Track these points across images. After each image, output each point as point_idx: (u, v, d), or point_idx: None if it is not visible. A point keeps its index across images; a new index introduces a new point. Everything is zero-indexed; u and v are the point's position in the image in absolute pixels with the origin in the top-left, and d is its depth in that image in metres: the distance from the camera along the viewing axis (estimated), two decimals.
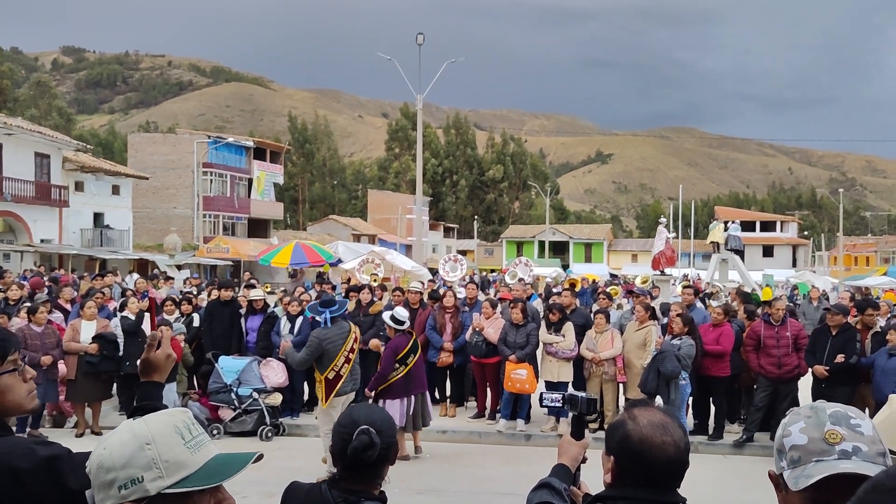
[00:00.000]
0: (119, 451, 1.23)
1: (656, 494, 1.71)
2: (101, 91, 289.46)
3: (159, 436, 1.24)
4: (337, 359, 6.72)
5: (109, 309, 10.12)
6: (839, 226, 60.32)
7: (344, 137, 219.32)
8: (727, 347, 8.46)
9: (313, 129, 79.12)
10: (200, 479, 1.24)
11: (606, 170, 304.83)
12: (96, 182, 35.61)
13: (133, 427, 1.27)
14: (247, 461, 1.29)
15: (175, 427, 1.27)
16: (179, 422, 1.29)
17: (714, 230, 26.96)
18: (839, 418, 1.35)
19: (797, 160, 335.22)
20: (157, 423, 1.27)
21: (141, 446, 1.23)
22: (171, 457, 1.23)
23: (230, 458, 1.31)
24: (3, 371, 1.72)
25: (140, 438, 1.23)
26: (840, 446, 1.32)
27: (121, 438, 1.25)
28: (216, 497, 1.27)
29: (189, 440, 1.26)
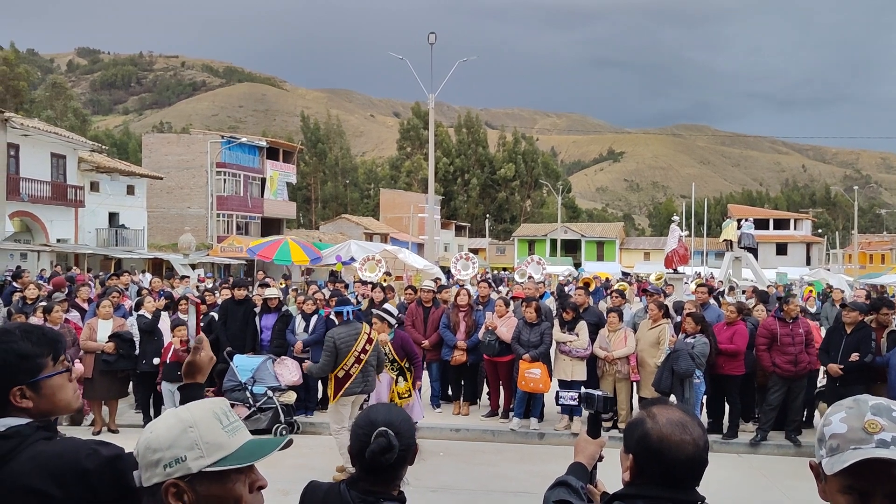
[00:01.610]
0: (165, 434, 1.36)
1: (675, 493, 1.72)
2: (115, 92, 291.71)
3: (201, 420, 1.38)
4: (347, 358, 6.75)
5: (125, 308, 10.21)
6: (854, 223, 59.76)
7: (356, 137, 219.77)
8: (741, 346, 8.42)
9: (325, 128, 79.41)
10: (237, 459, 1.37)
11: (618, 168, 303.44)
12: (111, 182, 35.90)
13: (178, 413, 1.40)
14: (278, 445, 1.43)
15: (214, 413, 1.40)
16: (218, 409, 1.42)
17: (727, 228, 26.78)
18: (881, 409, 1.37)
19: (811, 158, 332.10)
20: (199, 409, 1.41)
21: (184, 429, 1.36)
22: (211, 439, 1.36)
23: (263, 441, 1.44)
24: (57, 372, 1.79)
25: (184, 422, 1.37)
26: (879, 435, 1.34)
27: (167, 423, 1.39)
28: (250, 477, 1.41)
29: (227, 425, 1.40)
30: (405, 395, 7.62)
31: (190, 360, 2.06)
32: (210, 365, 2.12)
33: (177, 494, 1.34)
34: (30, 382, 1.74)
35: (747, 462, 8.04)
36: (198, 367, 2.06)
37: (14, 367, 1.73)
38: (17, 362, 1.73)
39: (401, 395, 7.58)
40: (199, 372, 2.07)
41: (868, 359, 7.65)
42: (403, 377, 7.73)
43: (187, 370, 2.06)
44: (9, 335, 1.77)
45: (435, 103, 26.94)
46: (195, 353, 2.08)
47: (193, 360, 2.06)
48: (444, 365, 9.76)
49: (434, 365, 9.81)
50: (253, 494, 1.41)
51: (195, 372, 2.06)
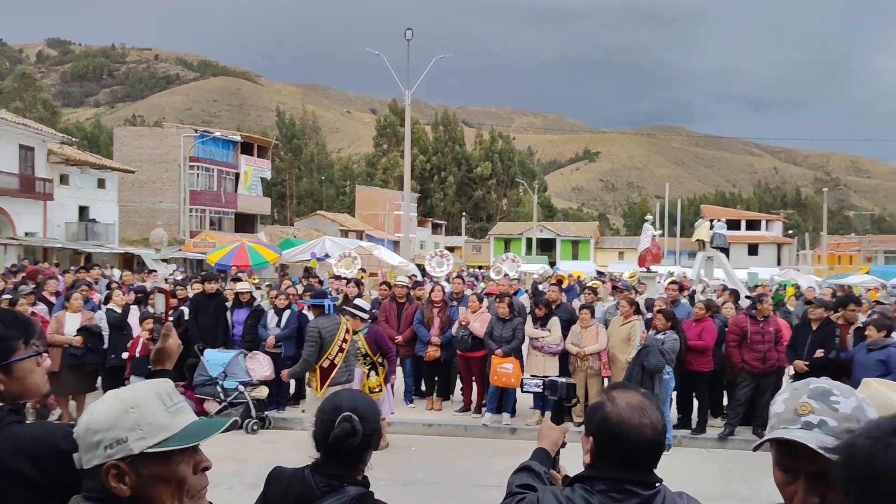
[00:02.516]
0: (105, 415, 1.34)
1: (634, 474, 1.75)
2: (86, 84, 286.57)
3: (143, 400, 1.35)
4: (331, 348, 6.77)
5: (94, 301, 10.06)
6: (823, 225, 60.92)
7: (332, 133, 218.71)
8: (709, 342, 8.55)
9: (301, 124, 78.83)
10: (180, 440, 1.34)
11: (594, 168, 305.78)
12: (81, 175, 35.31)
13: (118, 394, 1.37)
14: (221, 426, 1.42)
15: (157, 394, 1.38)
16: (161, 389, 1.40)
17: (700, 228, 27.09)
18: (817, 393, 1.41)
19: (782, 160, 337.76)
20: (141, 390, 1.38)
21: (126, 410, 1.33)
22: (153, 419, 1.34)
23: (207, 422, 1.43)
24: (28, 355, 1.80)
25: (125, 403, 1.34)
26: (806, 417, 1.38)
27: (107, 404, 1.36)
28: (194, 458, 1.39)
29: (170, 405, 1.38)
30: (376, 390, 7.62)
31: (159, 347, 2.09)
32: (178, 352, 2.14)
33: (118, 476, 1.32)
34: (1, 365, 1.75)
35: (715, 456, 8.17)
36: (166, 354, 2.09)
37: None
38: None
39: (371, 389, 7.57)
40: (168, 359, 2.10)
41: (832, 355, 7.81)
42: (375, 372, 7.73)
43: (156, 357, 2.09)
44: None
45: (412, 100, 26.91)
46: (164, 340, 2.10)
47: (162, 346, 2.09)
48: (417, 360, 9.77)
49: (407, 360, 9.82)
50: (197, 475, 1.39)
51: (164, 359, 2.09)
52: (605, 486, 1.75)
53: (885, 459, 0.98)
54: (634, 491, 1.74)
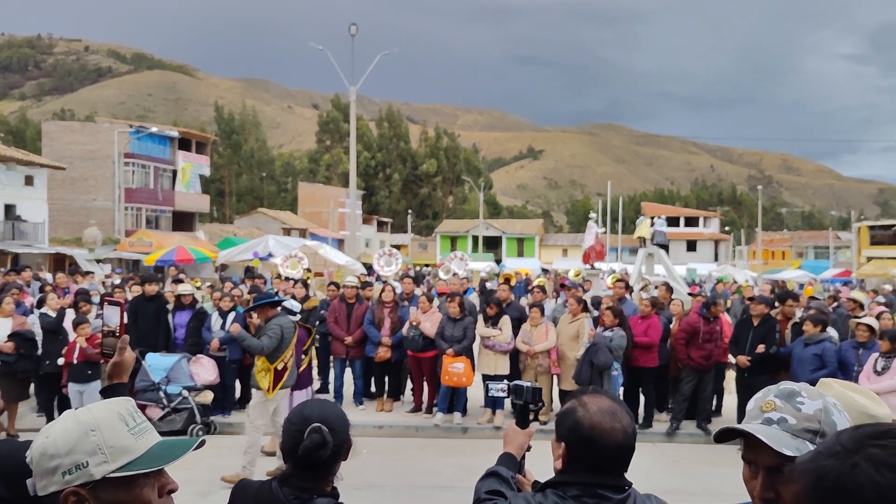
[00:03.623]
0: (63, 438, 1.26)
1: (606, 479, 1.75)
2: (10, 76, 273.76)
3: (104, 422, 1.28)
4: (287, 351, 6.64)
5: (27, 305, 9.60)
6: (758, 221, 63.30)
7: (273, 128, 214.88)
8: (655, 339, 8.74)
9: (240, 119, 77.08)
10: (145, 463, 1.28)
11: (538, 166, 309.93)
12: (7, 172, 33.66)
13: (77, 415, 1.29)
14: (189, 446, 1.35)
15: (119, 414, 1.30)
16: (123, 409, 1.32)
17: (641, 225, 27.69)
18: (785, 394, 1.47)
19: (719, 158, 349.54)
20: (102, 411, 1.30)
21: (86, 433, 1.25)
22: (115, 442, 1.26)
23: (173, 443, 1.36)
24: None
25: (85, 425, 1.26)
26: (768, 414, 1.44)
27: (64, 426, 1.28)
28: (160, 481, 1.32)
29: (133, 427, 1.30)
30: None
31: (116, 361, 2.04)
32: (132, 364, 2.09)
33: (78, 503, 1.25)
34: None
35: (662, 451, 8.35)
36: (124, 368, 2.05)
37: None
38: None
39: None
40: (125, 372, 2.05)
41: (773, 350, 8.09)
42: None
43: (113, 370, 2.04)
44: None
45: (356, 96, 26.66)
46: (120, 353, 2.05)
47: (119, 360, 2.04)
48: (367, 361, 9.67)
49: (357, 362, 9.71)
50: (163, 499, 1.33)
51: (121, 372, 2.04)
52: (577, 492, 1.74)
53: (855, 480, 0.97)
54: (606, 496, 1.74)
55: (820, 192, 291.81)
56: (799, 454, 1.33)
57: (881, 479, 0.95)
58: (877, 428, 1.05)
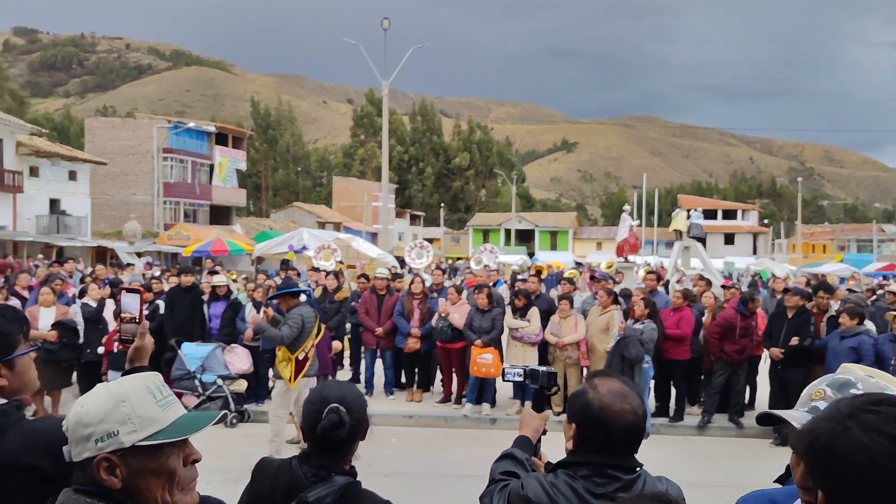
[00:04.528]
0: (96, 409, 1.35)
1: (616, 459, 1.78)
2: (55, 74, 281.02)
3: (133, 395, 1.37)
4: (308, 341, 6.72)
5: (69, 296, 9.91)
6: (798, 214, 61.86)
7: (308, 123, 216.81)
8: (687, 331, 8.65)
9: (276, 114, 77.94)
10: (170, 433, 1.36)
11: (572, 158, 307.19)
12: (52, 167, 34.67)
13: (108, 388, 1.38)
14: (211, 419, 1.43)
15: (147, 388, 1.39)
16: (151, 383, 1.41)
17: (676, 218, 27.35)
18: (838, 383, 1.45)
19: (758, 150, 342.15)
20: (132, 384, 1.39)
21: (117, 404, 1.34)
22: (144, 413, 1.35)
23: (197, 415, 1.46)
24: (28, 350, 1.87)
25: (116, 397, 1.36)
26: (815, 402, 1.44)
27: (97, 397, 1.38)
28: (184, 451, 1.40)
29: (160, 399, 1.39)
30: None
31: (137, 345, 2.16)
32: (151, 348, 2.22)
33: (109, 469, 1.33)
34: (6, 360, 1.79)
35: (693, 444, 8.28)
36: (144, 352, 2.17)
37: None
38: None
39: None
40: (145, 356, 2.17)
41: (807, 342, 7.94)
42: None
43: (134, 355, 2.15)
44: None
45: (389, 90, 26.76)
46: (141, 338, 2.17)
47: (141, 344, 2.16)
48: (397, 352, 9.77)
49: (388, 352, 9.82)
50: (187, 468, 1.41)
51: (142, 357, 2.16)
52: (587, 472, 1.77)
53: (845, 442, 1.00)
54: (616, 476, 1.77)
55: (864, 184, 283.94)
56: None
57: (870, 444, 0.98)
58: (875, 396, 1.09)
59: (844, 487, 0.99)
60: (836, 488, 1.01)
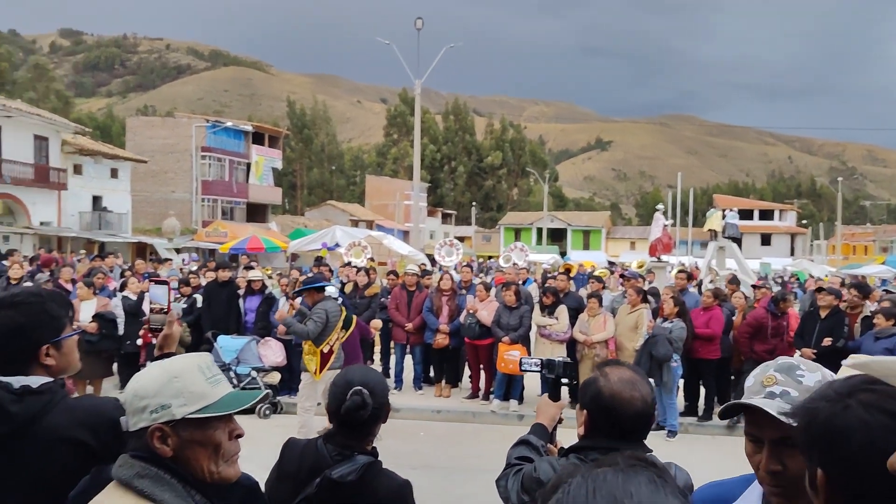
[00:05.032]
0: (151, 383, 1.48)
1: (625, 445, 1.84)
2: (98, 74, 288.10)
3: (185, 371, 1.50)
4: (332, 334, 6.83)
5: (110, 289, 10.24)
6: (838, 215, 60.42)
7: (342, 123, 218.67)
8: (717, 331, 8.60)
9: (312, 114, 78.83)
10: (218, 408, 1.48)
11: (606, 157, 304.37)
12: (95, 165, 35.63)
13: (163, 364, 1.52)
14: (255, 397, 1.58)
15: (198, 366, 1.52)
16: (202, 362, 1.55)
17: (711, 218, 26.97)
18: (785, 368, 1.50)
19: (797, 149, 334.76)
20: (184, 362, 1.54)
21: (170, 379, 1.48)
22: (194, 388, 1.48)
23: (241, 394, 1.59)
24: (73, 333, 2.00)
25: (169, 373, 1.49)
26: (770, 388, 1.47)
27: (152, 373, 1.51)
28: (230, 425, 1.53)
29: (209, 377, 1.52)
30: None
31: (167, 333, 2.29)
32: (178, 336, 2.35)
33: (161, 438, 1.45)
34: (55, 341, 1.92)
35: (721, 444, 8.23)
36: (173, 340, 2.29)
37: (46, 325, 1.91)
38: (48, 321, 1.92)
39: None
40: (174, 343, 2.30)
41: (841, 343, 7.84)
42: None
43: (163, 342, 2.28)
44: (39, 297, 1.96)
45: (422, 89, 26.91)
46: (170, 326, 2.30)
47: (170, 332, 2.29)
48: (426, 348, 9.89)
49: (417, 348, 9.94)
50: (231, 441, 1.53)
51: (171, 343, 2.29)
52: (597, 456, 1.84)
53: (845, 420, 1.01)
54: None
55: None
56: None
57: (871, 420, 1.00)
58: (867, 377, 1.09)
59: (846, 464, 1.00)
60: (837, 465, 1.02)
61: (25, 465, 1.80)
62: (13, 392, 1.82)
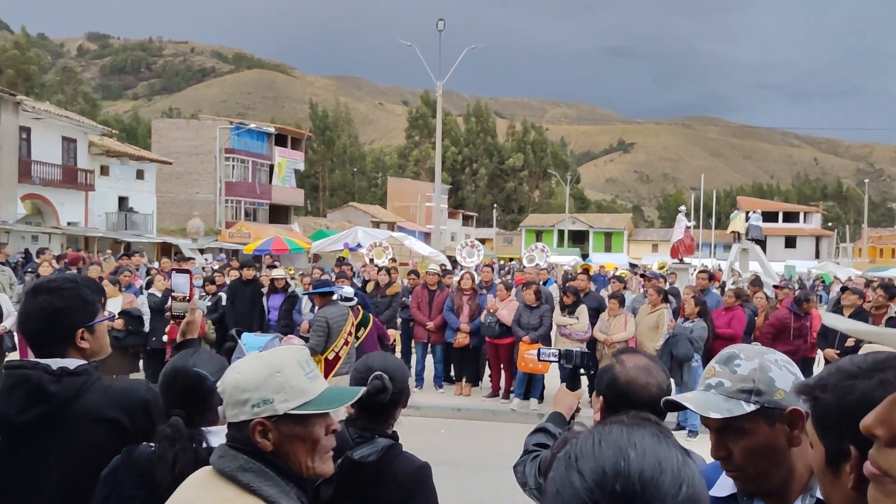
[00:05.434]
0: (252, 376, 1.45)
1: None
2: (125, 77, 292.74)
3: (287, 366, 1.47)
4: (337, 340, 6.78)
5: (136, 287, 10.43)
6: (864, 217, 59.47)
7: (364, 125, 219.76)
8: (738, 331, 8.55)
9: (334, 116, 79.35)
10: (319, 405, 1.47)
11: (628, 159, 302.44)
12: (121, 166, 36.23)
13: (264, 358, 1.50)
14: (355, 394, 1.57)
15: (298, 361, 1.49)
16: (301, 356, 1.51)
17: (735, 219, 26.76)
18: (724, 358, 1.52)
19: (823, 151, 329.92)
20: (285, 356, 1.50)
21: (272, 374, 1.45)
22: (296, 384, 1.45)
23: (342, 390, 1.59)
24: (105, 318, 2.09)
25: (271, 367, 1.46)
26: (708, 380, 1.51)
27: (253, 365, 1.47)
28: (327, 421, 1.51)
29: (308, 372, 1.49)
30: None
31: (189, 320, 2.35)
32: (200, 322, 2.44)
33: (263, 432, 1.44)
34: (89, 325, 2.01)
35: None
36: (195, 326, 2.37)
37: (81, 310, 1.99)
38: (83, 306, 2.00)
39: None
40: (196, 330, 2.38)
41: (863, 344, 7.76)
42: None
43: (186, 329, 2.34)
44: (75, 282, 2.04)
45: (444, 91, 27.00)
46: (192, 313, 2.37)
47: (192, 319, 2.36)
48: (447, 347, 9.94)
49: (438, 347, 10.00)
50: (327, 436, 1.51)
51: (193, 330, 2.36)
52: None
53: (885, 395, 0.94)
54: None
55: None
56: (730, 415, 1.41)
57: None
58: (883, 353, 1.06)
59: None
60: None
61: (65, 443, 1.89)
62: (52, 373, 1.91)
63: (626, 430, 0.88)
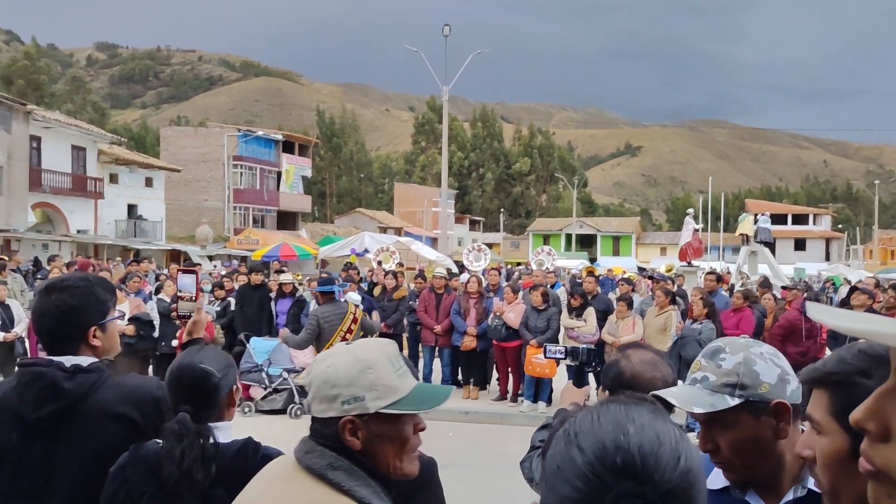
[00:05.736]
0: (344, 372, 1.37)
1: None
2: (133, 86, 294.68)
3: (378, 362, 1.39)
4: (333, 338, 6.78)
5: (146, 292, 10.50)
6: (875, 219, 59.12)
7: (371, 131, 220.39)
8: (747, 332, 8.52)
9: (341, 122, 79.63)
10: (410, 404, 1.39)
11: (635, 162, 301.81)
12: (130, 174, 36.47)
13: (354, 353, 1.41)
14: (446, 394, 1.48)
15: (388, 357, 1.42)
16: (390, 352, 1.44)
17: (743, 222, 26.67)
18: (711, 352, 1.52)
19: (833, 152, 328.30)
20: (375, 352, 1.42)
21: (363, 370, 1.37)
22: (387, 381, 1.38)
23: (432, 388, 1.49)
24: (116, 316, 2.12)
25: (363, 363, 1.38)
26: (694, 374, 1.50)
27: (344, 360, 1.39)
28: (415, 419, 1.43)
29: (398, 369, 1.41)
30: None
31: (196, 320, 2.36)
32: (205, 322, 2.43)
33: (352, 430, 1.37)
34: (101, 323, 2.04)
35: None
36: (201, 325, 2.37)
37: (93, 308, 2.03)
38: (96, 304, 2.03)
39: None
40: (202, 329, 2.38)
41: None
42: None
43: (192, 328, 2.35)
44: (87, 281, 2.08)
45: (450, 97, 27.07)
46: (198, 312, 2.39)
47: (198, 318, 2.37)
48: (454, 350, 9.95)
49: (445, 350, 10.01)
50: (415, 435, 1.44)
51: (199, 329, 2.37)
52: None
53: None
54: None
55: None
56: (713, 409, 1.41)
57: None
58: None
59: None
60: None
61: (79, 440, 1.92)
62: (66, 370, 1.93)
63: (623, 406, 0.90)
